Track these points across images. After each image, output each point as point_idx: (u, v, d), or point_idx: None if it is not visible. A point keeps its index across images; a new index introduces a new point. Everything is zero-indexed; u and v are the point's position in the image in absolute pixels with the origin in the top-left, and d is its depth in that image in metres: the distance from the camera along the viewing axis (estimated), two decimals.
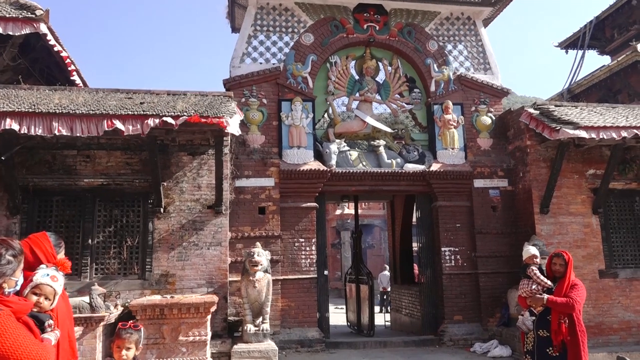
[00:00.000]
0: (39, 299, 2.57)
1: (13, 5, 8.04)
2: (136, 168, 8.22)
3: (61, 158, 8.06)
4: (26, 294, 2.56)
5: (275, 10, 10.02)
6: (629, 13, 15.07)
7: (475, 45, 10.65)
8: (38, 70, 9.70)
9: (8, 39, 8.17)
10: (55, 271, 2.69)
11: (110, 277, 7.90)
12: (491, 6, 10.57)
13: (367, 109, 10.21)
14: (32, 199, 7.93)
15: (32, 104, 6.98)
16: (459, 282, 9.63)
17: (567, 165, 9.35)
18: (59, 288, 2.67)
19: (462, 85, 10.33)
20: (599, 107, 9.67)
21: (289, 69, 9.72)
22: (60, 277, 2.70)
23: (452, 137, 9.98)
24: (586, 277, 8.91)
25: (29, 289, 2.57)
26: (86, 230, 8.00)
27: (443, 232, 9.76)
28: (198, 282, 8.07)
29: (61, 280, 2.70)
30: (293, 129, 9.46)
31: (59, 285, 2.66)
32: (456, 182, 9.85)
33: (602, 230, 9.47)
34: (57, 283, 2.65)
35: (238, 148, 9.20)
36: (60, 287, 2.67)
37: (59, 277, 2.68)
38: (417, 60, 10.30)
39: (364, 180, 9.69)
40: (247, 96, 9.48)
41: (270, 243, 8.97)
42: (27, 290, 2.57)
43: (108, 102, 7.50)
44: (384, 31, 10.24)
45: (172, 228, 8.17)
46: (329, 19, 10.10)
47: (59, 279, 2.67)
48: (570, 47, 17.12)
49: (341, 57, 10.22)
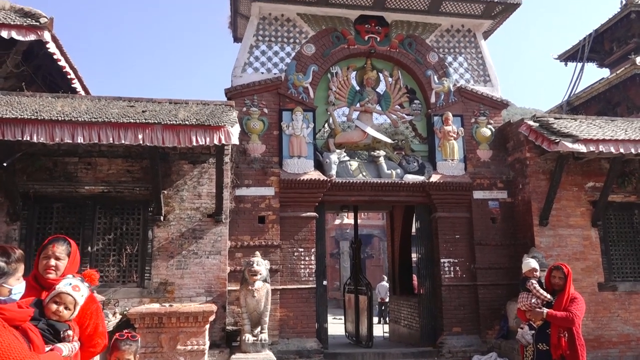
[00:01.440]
0: (59, 308, 2.57)
1: (18, 12, 8.11)
2: (137, 176, 8.24)
3: (62, 165, 8.08)
4: (47, 302, 2.58)
5: (278, 21, 10.10)
6: (628, 26, 15.19)
7: (475, 57, 10.72)
8: (41, 78, 9.75)
9: (12, 46, 8.23)
10: (79, 281, 2.69)
11: (109, 284, 7.89)
12: (491, 19, 10.66)
13: (368, 119, 10.26)
14: (32, 205, 7.94)
15: (34, 111, 7.02)
16: (458, 294, 9.62)
17: (566, 177, 9.38)
18: (80, 298, 2.65)
19: (462, 97, 10.39)
20: (598, 120, 9.72)
21: (290, 79, 9.78)
22: (84, 288, 2.69)
23: (452, 149, 10.02)
24: (585, 290, 8.91)
25: (50, 298, 2.58)
26: (86, 238, 8.00)
27: (442, 243, 9.76)
28: (197, 291, 8.05)
29: (84, 291, 2.68)
30: (294, 139, 9.49)
31: (81, 296, 2.65)
32: (456, 194, 9.87)
33: (602, 243, 9.48)
34: (79, 293, 2.64)
35: (239, 157, 9.23)
36: (82, 298, 2.66)
37: (83, 287, 2.68)
38: (418, 71, 10.36)
39: (363, 190, 9.71)
40: (249, 105, 9.52)
41: (270, 252, 8.96)
42: (48, 298, 2.59)
43: (110, 110, 7.54)
44: (385, 42, 10.31)
45: (172, 236, 8.17)
46: (330, 30, 10.17)
47: (82, 289, 2.66)
48: (569, 59, 17.23)
49: (342, 67, 10.29)
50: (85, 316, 2.80)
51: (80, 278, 2.74)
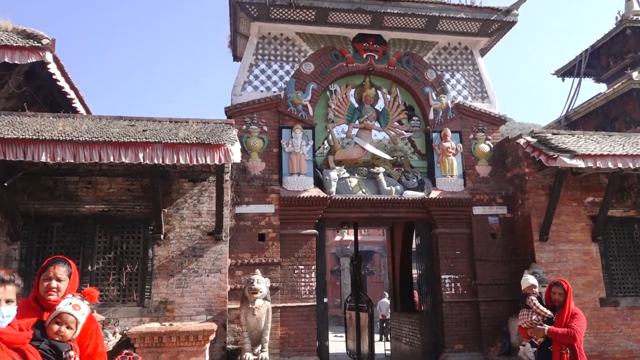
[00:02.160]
0: (60, 328, 2.58)
1: (20, 34, 8.20)
2: (137, 194, 8.27)
3: (63, 184, 8.12)
4: (48, 322, 2.59)
5: (277, 40, 10.23)
6: (624, 42, 15.36)
7: (473, 74, 10.84)
8: (42, 97, 9.83)
9: (14, 67, 8.31)
10: (79, 300, 2.70)
11: (109, 304, 7.86)
12: (487, 37, 10.79)
13: (367, 136, 10.33)
14: (32, 224, 7.95)
15: (36, 131, 7.08)
16: (459, 310, 9.57)
17: (565, 192, 9.41)
18: (82, 317, 2.66)
19: (460, 114, 10.47)
20: (595, 135, 9.78)
21: (290, 97, 9.87)
22: (84, 307, 2.70)
23: (451, 165, 10.06)
24: (587, 305, 8.88)
25: (52, 318, 2.59)
26: (86, 257, 7.99)
27: (443, 260, 9.75)
28: (197, 310, 8.03)
29: (85, 310, 2.69)
30: (293, 156, 9.54)
31: (82, 315, 2.66)
32: (455, 209, 9.89)
33: (602, 258, 9.47)
34: (80, 312, 2.65)
35: (239, 175, 9.27)
36: (83, 316, 2.67)
37: (83, 306, 2.69)
38: (416, 88, 10.46)
39: (363, 207, 9.73)
40: (248, 123, 9.59)
41: (270, 270, 8.95)
42: (50, 319, 2.59)
43: (111, 129, 7.60)
44: (383, 60, 10.43)
45: (172, 255, 8.17)
46: (329, 49, 10.30)
47: (82, 308, 2.67)
48: (566, 75, 17.37)
49: (341, 85, 10.39)
50: (85, 336, 2.81)
51: (80, 297, 2.76)
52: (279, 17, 9.87)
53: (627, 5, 15.53)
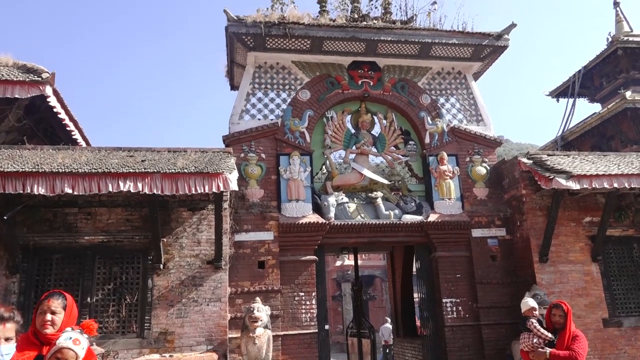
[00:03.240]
0: None
1: (21, 69, 8.34)
2: (136, 224, 8.29)
3: (62, 216, 8.14)
4: (48, 358, 2.57)
5: (273, 69, 10.39)
6: (616, 62, 15.59)
7: (467, 98, 10.98)
8: (42, 130, 9.93)
9: (15, 101, 8.43)
10: (79, 334, 2.68)
11: (109, 336, 7.80)
12: (480, 61, 10.98)
13: (364, 161, 10.40)
14: (31, 257, 7.94)
15: (35, 163, 7.14)
16: (461, 335, 9.49)
17: (563, 213, 9.44)
18: (81, 351, 2.64)
19: (456, 137, 10.57)
20: (590, 156, 9.86)
21: (287, 124, 9.98)
22: (84, 340, 2.68)
23: (449, 188, 10.11)
24: (590, 326, 8.82)
25: (51, 354, 2.57)
26: (85, 289, 7.96)
27: (443, 283, 9.71)
28: (197, 340, 7.96)
29: (84, 343, 2.67)
30: (291, 183, 9.60)
31: (82, 349, 2.64)
32: (454, 232, 9.89)
33: (603, 278, 9.44)
34: (79, 346, 2.63)
35: (237, 202, 9.30)
36: (82, 350, 2.65)
37: (82, 340, 2.67)
38: (411, 113, 10.59)
39: (362, 232, 9.74)
40: (246, 151, 9.68)
41: (270, 298, 8.90)
42: (50, 354, 2.58)
43: (110, 160, 7.67)
44: (378, 86, 10.59)
45: (172, 284, 8.14)
46: (324, 76, 10.46)
47: (82, 342, 2.66)
48: (560, 95, 17.56)
49: (337, 111, 10.52)
50: None
51: (79, 330, 2.75)
52: (274, 46, 10.06)
53: (618, 27, 15.84)
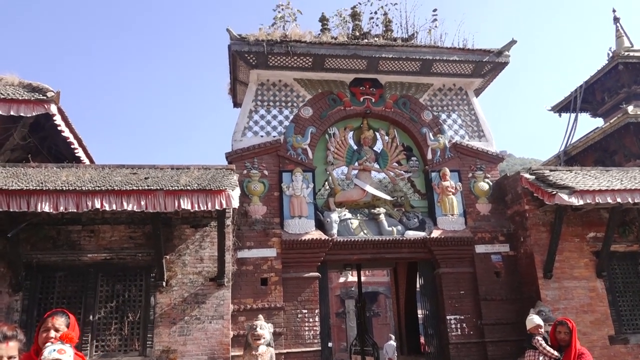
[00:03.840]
0: None
1: (26, 88, 8.43)
2: (139, 242, 8.29)
3: (66, 233, 8.15)
4: None
5: (275, 86, 10.48)
6: (617, 77, 15.64)
7: (469, 114, 11.03)
8: (46, 148, 10.01)
9: (20, 119, 8.51)
10: (61, 344, 2.70)
11: (111, 354, 7.75)
12: (481, 77, 11.05)
13: (367, 177, 10.42)
14: (35, 275, 7.93)
15: (39, 181, 7.18)
16: (466, 352, 9.39)
17: (567, 228, 9.40)
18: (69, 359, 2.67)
19: (458, 153, 10.59)
20: (593, 171, 9.85)
21: (289, 141, 10.03)
22: (69, 349, 2.70)
23: (451, 204, 10.10)
24: (596, 343, 8.72)
25: None
26: (88, 306, 7.94)
27: (447, 300, 9.64)
28: (200, 358, 7.89)
29: (69, 351, 2.70)
30: (294, 199, 9.61)
31: (69, 357, 2.67)
32: (458, 248, 9.85)
33: (608, 294, 9.36)
34: (66, 355, 2.66)
35: (240, 219, 9.30)
36: (70, 357, 2.67)
37: (67, 349, 2.69)
38: (413, 129, 10.63)
39: (365, 248, 9.71)
40: (249, 168, 9.71)
41: (273, 315, 8.85)
42: None
43: (113, 177, 7.71)
44: (380, 103, 10.65)
45: (174, 302, 8.11)
46: (326, 93, 10.54)
47: (67, 350, 2.68)
48: (562, 110, 17.59)
49: (339, 128, 10.58)
50: None
51: (60, 341, 2.75)
52: (277, 64, 10.16)
53: (618, 42, 15.93)
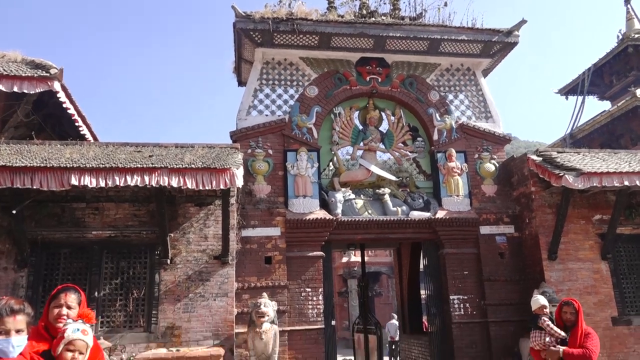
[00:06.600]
0: (74, 355, 2.58)
1: (29, 64, 8.36)
2: (143, 220, 8.30)
3: (70, 211, 8.16)
4: (60, 351, 2.58)
5: (281, 65, 10.36)
6: (626, 60, 15.43)
7: (476, 94, 10.90)
8: (50, 125, 9.97)
9: (23, 97, 8.46)
10: (83, 324, 2.70)
11: (116, 330, 7.82)
12: (489, 57, 10.88)
13: (372, 157, 10.35)
14: (40, 252, 7.97)
15: (44, 158, 7.15)
16: (469, 332, 9.44)
17: (572, 210, 9.35)
18: (90, 341, 2.68)
19: (465, 134, 10.50)
20: (601, 153, 9.76)
21: (294, 120, 9.94)
22: (89, 330, 2.71)
23: (457, 185, 10.05)
24: (599, 324, 8.74)
25: (63, 346, 2.58)
26: (93, 283, 7.99)
27: (451, 280, 9.66)
28: (204, 335, 7.96)
29: (90, 333, 2.70)
30: (299, 179, 9.57)
31: (90, 338, 2.68)
32: (462, 229, 9.83)
33: (613, 276, 9.35)
34: (88, 336, 2.67)
35: (244, 198, 9.29)
36: (91, 339, 2.68)
37: (88, 329, 2.70)
38: (420, 110, 10.52)
39: (369, 228, 9.70)
40: (253, 147, 9.65)
41: (277, 293, 8.89)
42: (61, 347, 2.58)
43: (118, 155, 7.67)
44: (386, 83, 10.52)
45: (179, 279, 8.15)
46: (332, 72, 10.41)
47: (89, 332, 2.69)
48: (570, 93, 17.42)
49: (345, 108, 10.47)
50: None
51: (81, 321, 2.75)
52: (282, 42, 10.02)
53: (628, 24, 15.67)
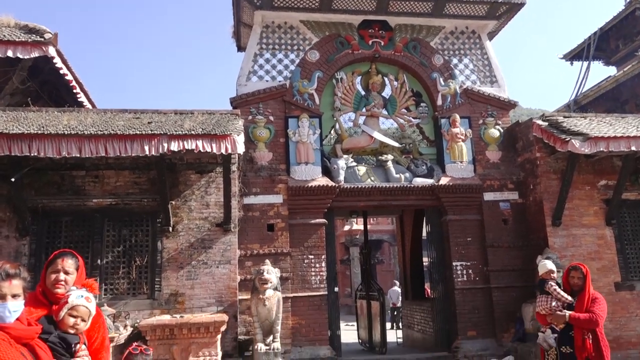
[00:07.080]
0: (76, 321, 2.59)
1: (23, 29, 8.13)
2: (144, 187, 8.21)
3: (70, 179, 8.07)
4: (62, 316, 2.57)
5: (281, 29, 10.08)
6: (634, 24, 15.06)
7: (481, 58, 10.65)
8: (47, 92, 9.77)
9: (18, 62, 8.25)
10: (86, 292, 2.70)
11: (120, 297, 7.84)
12: (495, 19, 10.58)
13: (374, 124, 10.19)
14: (41, 220, 7.92)
15: (41, 125, 7.02)
16: (471, 297, 9.48)
17: (578, 176, 9.25)
18: (93, 308, 2.69)
19: (469, 99, 10.30)
20: (608, 118, 9.59)
21: (295, 86, 9.74)
22: (92, 298, 2.71)
23: (461, 151, 9.91)
24: (602, 290, 8.72)
25: (66, 311, 2.57)
26: (95, 251, 7.97)
27: (454, 247, 9.64)
28: (207, 301, 7.99)
29: (93, 301, 2.71)
30: (300, 146, 9.44)
31: (93, 306, 2.68)
32: (466, 196, 9.76)
33: (617, 242, 9.32)
34: (91, 304, 2.67)
35: (246, 165, 9.19)
36: (93, 307, 2.69)
37: (91, 297, 2.70)
38: (423, 74, 10.30)
39: (372, 195, 9.62)
40: (254, 114, 9.49)
41: (280, 260, 8.89)
42: (64, 312, 2.57)
43: (116, 122, 7.53)
44: (389, 46, 10.26)
45: (181, 247, 8.13)
46: (334, 36, 10.14)
47: (92, 300, 2.69)
48: (575, 58, 17.09)
49: (347, 73, 10.24)
50: (93, 329, 2.79)
51: (84, 289, 2.73)
52: (282, 5, 9.72)
53: None
